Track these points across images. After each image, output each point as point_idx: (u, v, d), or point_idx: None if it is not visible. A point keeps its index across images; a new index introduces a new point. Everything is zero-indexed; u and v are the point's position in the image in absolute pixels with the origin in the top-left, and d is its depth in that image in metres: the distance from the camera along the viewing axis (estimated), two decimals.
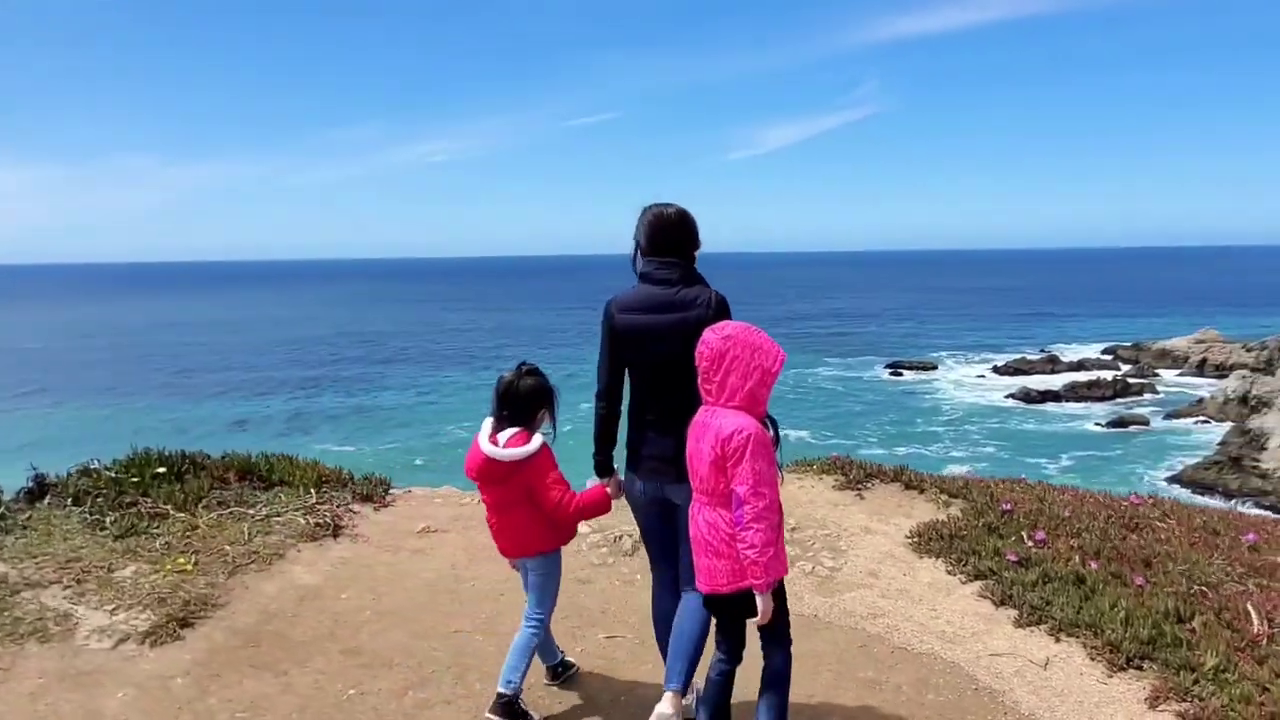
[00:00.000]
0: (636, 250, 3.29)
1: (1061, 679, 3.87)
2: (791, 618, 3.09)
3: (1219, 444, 38.11)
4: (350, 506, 5.94)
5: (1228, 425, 39.83)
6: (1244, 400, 41.31)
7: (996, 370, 53.07)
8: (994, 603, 4.54)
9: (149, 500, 5.44)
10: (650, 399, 3.24)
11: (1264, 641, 3.86)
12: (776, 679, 2.98)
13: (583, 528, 5.31)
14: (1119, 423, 43.15)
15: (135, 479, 5.63)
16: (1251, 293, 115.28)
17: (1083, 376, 49.98)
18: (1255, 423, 38.16)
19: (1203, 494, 32.96)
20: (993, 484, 5.77)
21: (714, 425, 2.82)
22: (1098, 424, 42.81)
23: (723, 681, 3.03)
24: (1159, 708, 3.59)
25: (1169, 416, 43.97)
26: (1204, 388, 47.71)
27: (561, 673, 3.77)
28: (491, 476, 3.33)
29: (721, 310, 3.14)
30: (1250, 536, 4.93)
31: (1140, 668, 3.86)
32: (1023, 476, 6.46)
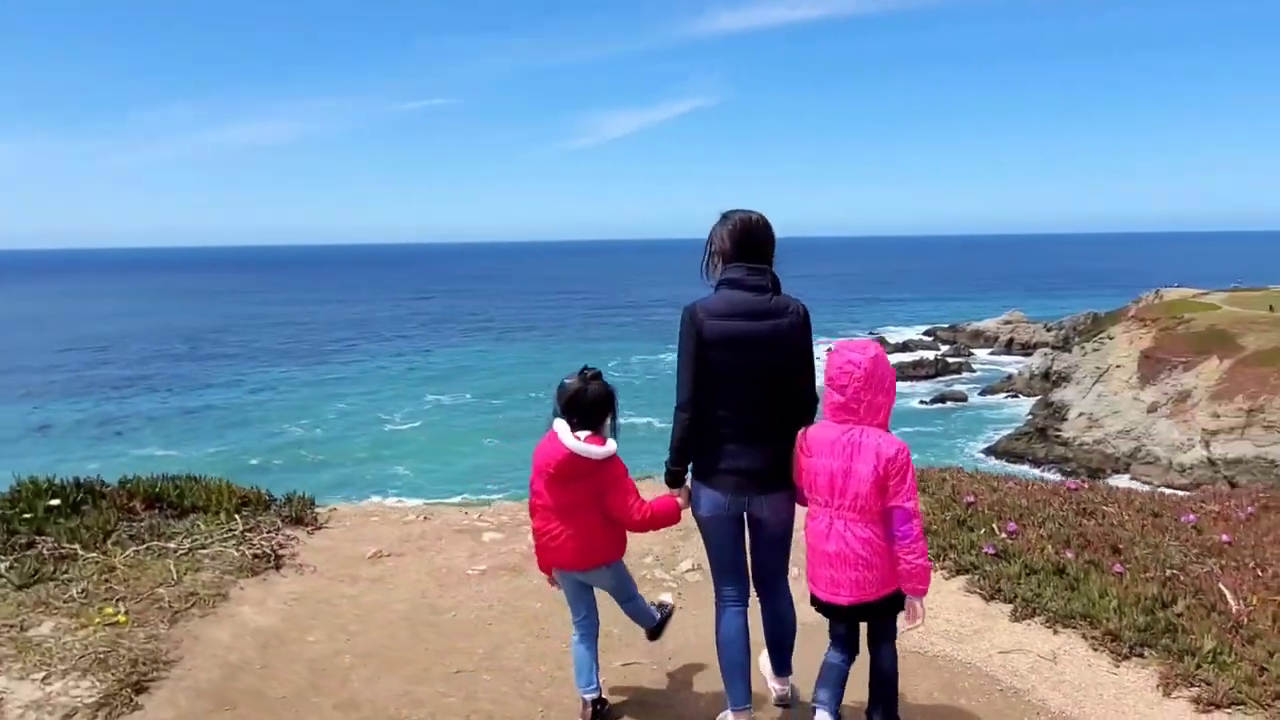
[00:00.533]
0: (713, 256, 3.13)
1: (1074, 672, 3.97)
2: (798, 626, 3.41)
3: (1027, 416, 41.75)
4: (283, 532, 5.36)
5: (1034, 399, 43.73)
6: (1046, 376, 45.47)
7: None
8: (984, 597, 4.62)
9: (48, 539, 4.68)
10: (736, 409, 3.08)
11: (1246, 621, 4.11)
12: (887, 677, 3.14)
13: None
14: (940, 399, 46.49)
15: (26, 514, 4.83)
16: (1051, 277, 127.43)
17: (908, 357, 53.49)
18: (1057, 396, 42.05)
19: (1015, 462, 35.98)
20: (950, 476, 5.91)
21: (870, 445, 2.85)
22: (922, 401, 45.97)
23: (845, 670, 3.14)
24: (1173, 695, 3.75)
25: (984, 392, 47.73)
26: (1012, 365, 52.14)
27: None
28: (572, 474, 3.12)
29: (808, 320, 3.11)
30: (1190, 518, 5.29)
31: (1142, 655, 4.01)
32: (958, 465, 6.68)
